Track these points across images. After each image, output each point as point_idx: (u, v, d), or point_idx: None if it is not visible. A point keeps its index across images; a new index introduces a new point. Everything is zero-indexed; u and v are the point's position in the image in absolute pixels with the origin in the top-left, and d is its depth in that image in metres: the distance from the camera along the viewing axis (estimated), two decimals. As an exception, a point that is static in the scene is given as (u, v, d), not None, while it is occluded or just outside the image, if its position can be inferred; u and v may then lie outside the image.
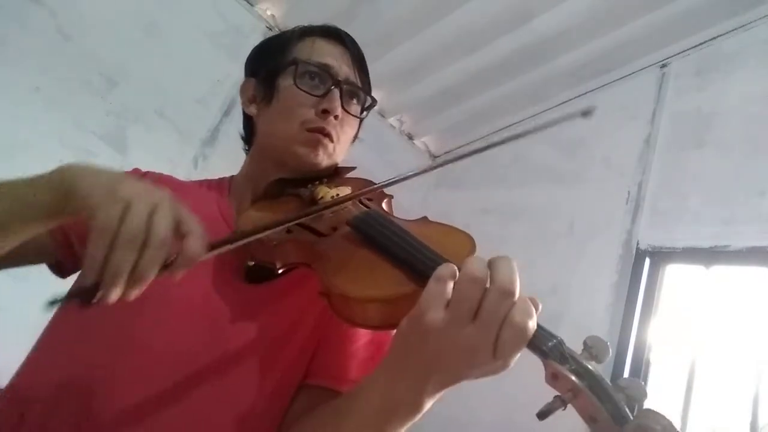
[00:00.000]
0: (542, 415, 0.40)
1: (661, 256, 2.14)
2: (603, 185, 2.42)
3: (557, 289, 2.27)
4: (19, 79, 1.85)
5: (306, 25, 0.82)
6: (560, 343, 0.43)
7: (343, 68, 0.77)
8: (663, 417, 0.38)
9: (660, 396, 1.93)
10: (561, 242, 2.42)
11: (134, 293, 0.45)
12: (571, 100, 2.77)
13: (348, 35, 0.81)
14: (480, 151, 0.69)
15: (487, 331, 0.41)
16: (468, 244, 0.55)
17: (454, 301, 0.42)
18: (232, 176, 0.85)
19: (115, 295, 0.44)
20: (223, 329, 0.62)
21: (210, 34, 2.30)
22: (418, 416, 0.48)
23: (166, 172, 0.81)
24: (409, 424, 0.49)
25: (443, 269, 0.43)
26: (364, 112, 0.83)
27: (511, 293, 0.41)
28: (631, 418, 0.39)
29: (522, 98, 2.81)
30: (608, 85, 2.64)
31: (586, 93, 2.71)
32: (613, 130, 2.53)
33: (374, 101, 0.83)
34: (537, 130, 0.67)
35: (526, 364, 0.45)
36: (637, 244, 2.18)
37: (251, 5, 2.44)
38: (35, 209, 0.52)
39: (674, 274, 2.13)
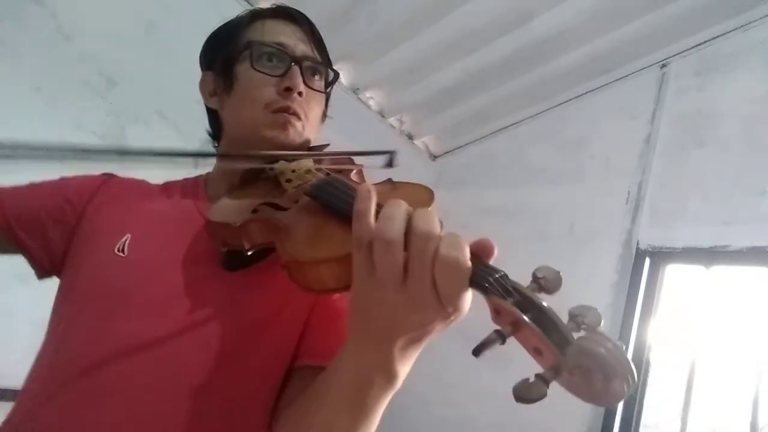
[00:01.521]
0: (477, 351, 0.38)
1: (661, 256, 2.14)
2: (603, 185, 2.42)
3: (557, 289, 2.27)
4: (19, 79, 1.85)
5: (255, 7, 0.80)
6: (503, 276, 0.41)
7: (299, 45, 0.74)
8: (608, 339, 0.35)
9: (660, 396, 1.93)
10: (561, 242, 2.42)
11: None
12: (570, 100, 2.77)
13: (299, 12, 0.78)
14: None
15: (420, 278, 0.40)
16: (425, 197, 0.54)
17: (375, 238, 0.42)
18: (208, 173, 0.83)
19: None
20: (198, 314, 0.62)
21: (210, 34, 2.31)
22: (397, 384, 0.47)
23: (165, 171, 0.80)
24: (388, 394, 0.48)
25: (359, 204, 0.43)
26: (329, 87, 0.80)
27: (428, 233, 0.40)
28: (574, 341, 0.36)
29: (522, 98, 2.80)
30: (608, 85, 2.64)
31: (586, 93, 2.71)
32: (613, 130, 2.53)
33: (337, 75, 0.81)
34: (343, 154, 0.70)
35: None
36: (637, 244, 2.18)
37: (251, 5, 2.45)
38: None
39: (674, 274, 2.13)
